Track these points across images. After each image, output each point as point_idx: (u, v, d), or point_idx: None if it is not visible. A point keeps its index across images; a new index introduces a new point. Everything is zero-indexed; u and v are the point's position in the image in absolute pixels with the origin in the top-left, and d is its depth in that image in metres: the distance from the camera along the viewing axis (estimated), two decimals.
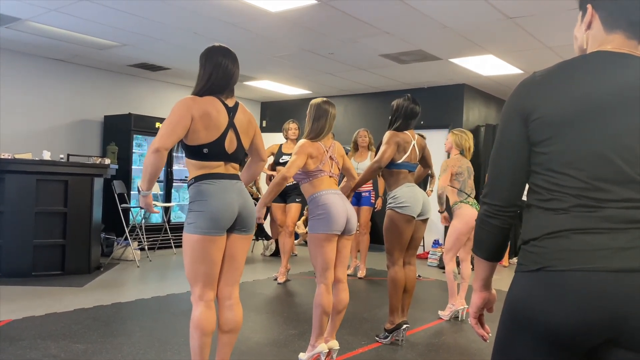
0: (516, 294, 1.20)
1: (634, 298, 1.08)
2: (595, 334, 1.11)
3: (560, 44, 5.60)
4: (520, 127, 1.23)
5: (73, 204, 5.60)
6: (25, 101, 7.10)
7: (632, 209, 1.13)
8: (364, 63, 6.86)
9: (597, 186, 1.14)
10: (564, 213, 1.16)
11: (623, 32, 1.22)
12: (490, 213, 1.29)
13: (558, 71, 1.23)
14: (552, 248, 1.15)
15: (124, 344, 3.41)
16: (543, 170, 1.20)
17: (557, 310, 1.12)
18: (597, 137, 1.15)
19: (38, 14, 5.37)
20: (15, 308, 4.16)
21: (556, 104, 1.19)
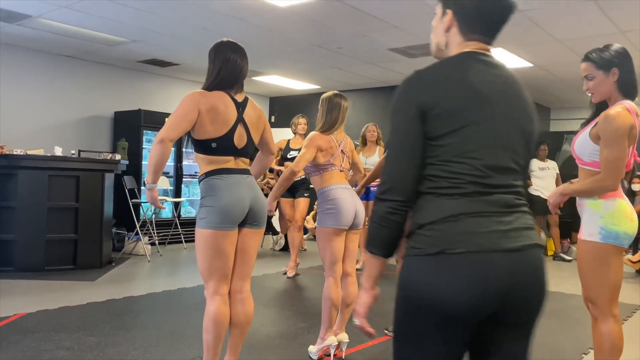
0: (416, 277, 1.25)
1: (516, 274, 1.23)
2: (486, 308, 1.22)
3: (570, 37, 5.56)
4: (419, 124, 1.28)
5: (84, 199, 5.66)
6: (36, 98, 7.16)
7: (511, 194, 1.30)
8: (373, 57, 6.85)
9: (488, 173, 1.27)
10: (461, 198, 1.25)
11: (480, 37, 1.38)
12: (392, 210, 1.29)
13: (445, 70, 1.33)
14: (450, 231, 1.23)
15: (136, 337, 3.46)
16: (440, 161, 1.27)
17: (459, 290, 1.20)
18: (486, 129, 1.29)
19: (49, 11, 5.41)
20: (29, 301, 4.23)
21: (451, 100, 1.28)
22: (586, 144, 2.29)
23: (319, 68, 7.66)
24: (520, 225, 1.27)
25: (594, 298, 2.32)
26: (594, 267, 2.29)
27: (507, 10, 1.38)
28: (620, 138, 2.17)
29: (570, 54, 6.23)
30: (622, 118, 2.18)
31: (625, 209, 2.27)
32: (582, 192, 2.32)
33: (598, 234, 2.26)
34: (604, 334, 2.30)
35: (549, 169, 7.79)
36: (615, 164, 2.18)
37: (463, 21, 1.38)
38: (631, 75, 2.28)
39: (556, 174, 7.83)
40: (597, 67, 2.30)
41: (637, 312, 4.73)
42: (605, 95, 2.31)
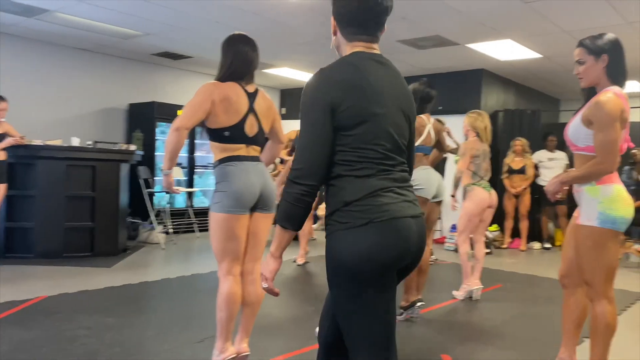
0: (353, 249, 1.46)
1: (419, 233, 1.55)
2: (405, 261, 1.53)
3: (577, 28, 5.60)
4: (329, 118, 1.49)
5: (101, 188, 5.83)
6: (54, 90, 7.35)
7: (404, 172, 1.60)
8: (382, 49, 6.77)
9: (389, 156, 1.54)
10: (374, 177, 1.51)
11: (364, 38, 1.61)
12: (306, 192, 1.49)
13: (347, 70, 1.54)
14: (373, 204, 1.48)
15: (151, 319, 3.62)
16: (352, 148, 1.51)
17: (390, 250, 1.47)
18: (384, 119, 1.53)
19: (66, 5, 5.57)
20: (49, 285, 4.41)
21: (357, 96, 1.50)
22: (579, 129, 2.37)
23: (329, 60, 7.65)
24: (414, 198, 1.58)
25: (590, 280, 2.40)
26: (592, 251, 2.36)
27: (381, 14, 1.60)
28: (613, 121, 2.25)
29: None
30: (612, 102, 2.26)
31: (622, 194, 2.34)
32: (580, 178, 2.37)
33: (596, 219, 2.33)
34: (599, 315, 2.39)
35: (558, 159, 7.82)
36: (611, 146, 2.26)
37: (343, 26, 1.61)
38: (620, 63, 2.37)
39: (565, 164, 7.87)
40: (588, 52, 2.38)
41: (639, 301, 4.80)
42: (593, 80, 2.39)
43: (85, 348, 3.00)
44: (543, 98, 9.79)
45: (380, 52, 1.63)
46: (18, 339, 3.10)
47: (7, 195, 5.41)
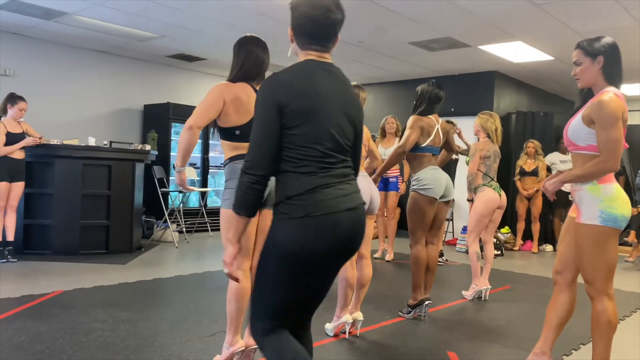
0: (287, 236, 1.66)
1: (354, 225, 1.71)
2: (337, 252, 1.71)
3: (590, 30, 5.59)
4: (277, 117, 1.67)
5: (116, 187, 5.95)
6: (71, 91, 7.51)
7: (346, 168, 1.76)
8: (393, 51, 6.98)
9: (330, 154, 1.70)
10: (314, 175, 1.68)
11: (316, 47, 1.77)
12: (255, 181, 1.67)
13: (295, 75, 1.71)
14: (311, 200, 1.65)
15: (164, 313, 3.71)
16: (295, 146, 1.68)
17: (319, 242, 1.65)
18: (326, 121, 1.70)
19: (83, 8, 5.71)
20: (65, 281, 4.53)
21: (301, 100, 1.67)
22: (580, 128, 2.41)
23: (341, 62, 7.81)
24: (353, 190, 1.75)
25: (591, 279, 2.43)
26: (593, 249, 2.39)
27: (328, 26, 1.75)
28: (616, 120, 2.30)
29: None
30: (614, 102, 2.32)
31: (621, 193, 2.39)
32: (583, 177, 2.39)
33: (598, 217, 2.36)
34: (600, 312, 2.42)
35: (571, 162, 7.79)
36: (615, 145, 2.30)
37: (297, 36, 1.78)
38: (616, 65, 2.43)
39: None
40: (585, 53, 2.44)
41: None
42: (590, 81, 2.45)
43: (100, 340, 3.09)
44: (557, 100, 9.75)
45: (330, 61, 1.80)
46: (35, 331, 3.20)
47: (26, 193, 5.56)
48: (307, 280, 1.73)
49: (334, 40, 1.80)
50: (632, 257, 7.17)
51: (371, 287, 4.63)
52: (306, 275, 1.71)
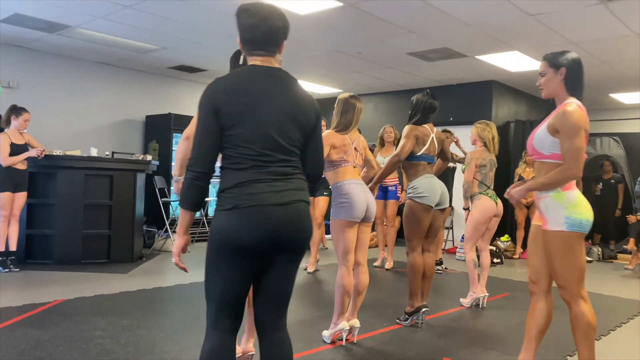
0: (219, 226, 1.79)
1: (282, 219, 1.80)
2: (265, 244, 1.79)
3: (585, 39, 5.67)
4: (213, 119, 1.79)
5: (117, 197, 6.02)
6: (74, 102, 7.61)
7: (284, 167, 1.85)
8: (392, 61, 7.07)
9: (265, 153, 1.81)
10: (246, 170, 1.80)
11: (260, 52, 1.90)
12: (196, 177, 1.81)
13: (232, 79, 1.84)
14: (240, 193, 1.78)
15: (164, 321, 3.75)
16: (232, 145, 1.81)
17: (245, 232, 1.76)
18: (262, 122, 1.81)
19: (86, 21, 5.81)
20: (67, 290, 4.57)
21: (234, 103, 1.79)
22: (545, 137, 2.50)
23: (340, 72, 7.91)
24: (289, 188, 1.84)
25: (564, 283, 2.49)
26: (564, 255, 2.46)
27: (268, 33, 1.88)
28: (579, 130, 2.40)
29: (587, 56, 6.33)
30: (578, 113, 2.42)
31: (583, 199, 2.48)
32: (549, 184, 2.47)
33: (564, 223, 2.44)
34: (578, 315, 2.48)
35: None
36: (578, 153, 2.39)
37: (243, 43, 1.92)
38: (577, 78, 2.53)
39: None
40: (549, 65, 2.56)
41: None
42: (553, 91, 2.56)
43: (101, 347, 3.14)
44: None
45: (275, 66, 1.92)
46: (37, 339, 3.25)
47: (28, 204, 5.62)
48: (241, 271, 1.82)
49: (276, 46, 1.92)
50: (631, 265, 7.18)
51: (370, 295, 4.68)
52: (238, 265, 1.80)
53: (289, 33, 1.98)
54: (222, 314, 1.86)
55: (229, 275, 1.82)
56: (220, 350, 1.84)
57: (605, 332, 3.95)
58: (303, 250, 1.94)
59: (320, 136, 2.02)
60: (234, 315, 1.87)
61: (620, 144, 9.06)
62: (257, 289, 1.93)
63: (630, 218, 7.27)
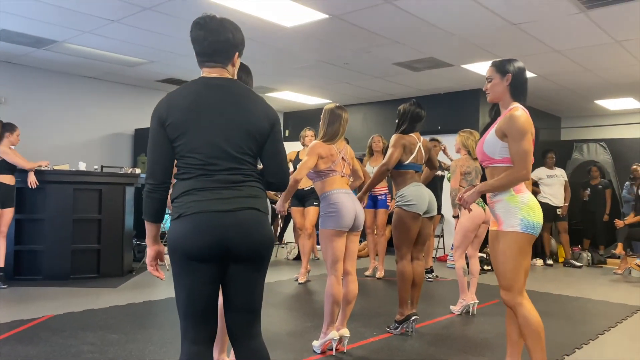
0: (171, 235, 1.85)
1: (227, 227, 1.80)
2: (214, 251, 1.80)
3: (567, 47, 5.76)
4: (161, 131, 1.85)
5: (107, 211, 5.99)
6: (62, 117, 7.60)
7: (232, 175, 1.86)
8: (379, 72, 7.13)
9: (211, 162, 1.83)
10: (191, 179, 1.84)
11: (209, 64, 1.94)
12: (151, 190, 1.87)
13: (178, 92, 1.89)
14: (185, 201, 1.82)
15: (153, 335, 3.73)
16: (180, 156, 1.86)
17: (190, 240, 1.79)
18: (206, 133, 1.83)
19: (73, 36, 5.82)
20: (56, 305, 4.54)
21: (178, 114, 1.83)
22: (495, 143, 2.57)
23: (328, 83, 7.96)
24: (236, 195, 1.85)
25: (511, 285, 2.52)
26: (514, 256, 2.50)
27: (214, 44, 1.91)
28: (527, 133, 2.49)
29: (571, 64, 6.42)
30: (524, 117, 2.52)
31: (535, 202, 2.57)
32: (499, 187, 2.54)
33: (519, 225, 2.49)
34: (526, 315, 2.50)
35: (557, 176, 7.91)
36: (526, 155, 2.48)
37: (195, 54, 1.96)
38: (522, 84, 2.64)
39: (564, 181, 7.95)
40: (496, 71, 2.66)
41: (638, 312, 4.84)
42: (498, 96, 2.66)
43: None
44: (542, 116, 9.91)
45: (225, 77, 1.95)
46: (24, 355, 3.22)
47: (17, 219, 5.58)
48: (199, 279, 1.83)
49: (226, 57, 1.95)
50: (620, 270, 7.24)
51: (360, 304, 4.68)
52: (194, 273, 1.82)
53: (243, 46, 2.02)
54: (190, 324, 1.86)
55: (189, 284, 1.83)
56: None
57: (594, 336, 3.98)
58: (262, 259, 1.92)
59: (279, 144, 2.01)
60: (202, 325, 1.87)
61: (607, 149, 9.18)
62: (224, 300, 1.94)
63: (618, 223, 7.33)
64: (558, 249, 8.27)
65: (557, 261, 8.22)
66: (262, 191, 1.96)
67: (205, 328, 1.88)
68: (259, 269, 1.92)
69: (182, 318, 1.88)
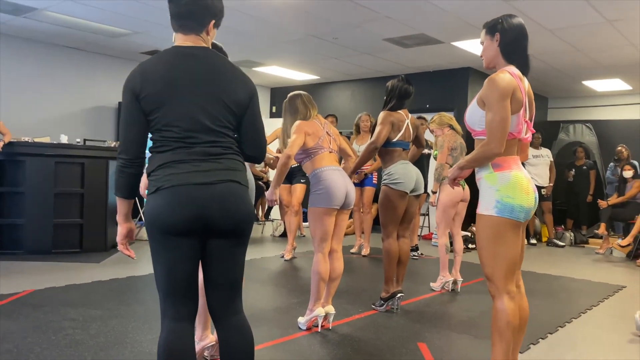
0: (148, 209, 1.77)
1: (206, 199, 1.74)
2: (193, 225, 1.74)
3: (559, 26, 5.71)
4: (134, 104, 1.77)
5: (89, 185, 5.88)
6: (43, 88, 7.40)
7: (211, 147, 1.79)
8: (368, 47, 7.02)
9: (189, 135, 1.77)
10: (168, 152, 1.77)
11: (184, 32, 1.85)
12: (124, 165, 1.80)
13: (152, 62, 1.79)
14: (162, 174, 1.75)
15: (137, 311, 3.69)
16: (155, 130, 1.79)
17: (168, 213, 1.72)
18: (183, 104, 1.76)
19: (54, 4, 5.62)
20: (37, 280, 4.47)
21: (152, 86, 1.75)
22: (475, 111, 2.29)
23: (317, 59, 7.84)
24: (216, 168, 1.78)
25: (491, 275, 2.25)
26: (491, 242, 2.22)
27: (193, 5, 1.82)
28: (502, 100, 2.15)
29: (562, 44, 6.38)
30: (504, 81, 2.18)
31: (521, 181, 2.21)
32: (471, 161, 2.28)
33: (494, 208, 2.20)
34: (499, 311, 2.23)
35: (543, 156, 7.94)
36: (498, 125, 2.14)
37: (171, 18, 1.87)
38: (516, 44, 2.31)
39: (550, 161, 7.99)
40: (486, 32, 2.36)
41: (620, 292, 4.92)
42: (491, 59, 2.35)
43: (70, 338, 3.07)
44: None
45: (200, 45, 1.85)
46: (4, 330, 3.16)
47: None
48: (177, 254, 1.76)
49: (201, 24, 1.86)
50: (602, 249, 7.34)
51: (346, 281, 4.68)
52: (172, 248, 1.76)
53: (221, 16, 1.92)
54: (170, 301, 1.80)
55: (168, 260, 1.77)
56: (175, 339, 1.78)
57: (577, 314, 4.02)
58: (242, 233, 1.85)
59: (258, 116, 1.93)
60: (182, 302, 1.80)
61: (592, 131, 9.23)
62: (204, 277, 1.88)
63: (602, 203, 7.41)
64: (542, 229, 8.35)
65: (540, 240, 8.31)
66: (242, 164, 1.89)
67: (186, 305, 1.82)
68: (239, 243, 1.86)
69: (162, 295, 1.82)
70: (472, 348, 3.20)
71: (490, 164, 2.25)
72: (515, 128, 2.24)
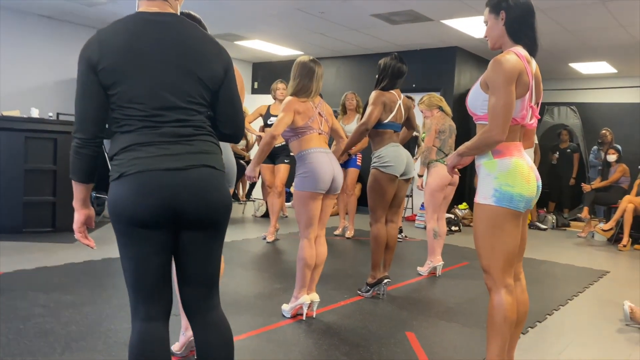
0: (110, 198, 1.57)
1: (177, 186, 1.54)
2: (163, 216, 1.55)
3: (551, 6, 5.57)
4: (91, 76, 1.55)
5: (63, 162, 5.61)
6: (13, 58, 7.02)
7: (181, 127, 1.59)
8: (355, 23, 6.80)
9: (156, 113, 1.55)
10: (132, 133, 1.56)
11: None
12: (81, 145, 1.60)
13: (112, 30, 1.57)
14: (126, 158, 1.55)
15: (112, 296, 3.51)
16: (117, 106, 1.57)
17: (134, 203, 1.52)
18: (148, 78, 1.55)
19: None
20: (5, 262, 4.24)
21: (113, 57, 1.53)
22: (478, 95, 2.15)
23: (302, 33, 7.58)
24: (187, 151, 1.58)
25: (487, 267, 2.15)
26: (488, 233, 2.12)
27: None
28: (507, 84, 2.01)
29: (553, 24, 6.26)
30: (509, 63, 2.03)
31: (521, 168, 2.08)
32: (472, 148, 2.15)
33: (492, 197, 2.09)
34: (496, 306, 2.13)
35: None
36: (501, 111, 2.01)
37: None
38: (521, 22, 2.15)
39: (535, 144, 7.93)
40: (490, 10, 2.19)
41: (604, 277, 4.90)
42: (497, 40, 2.19)
43: (39, 327, 2.88)
44: None
45: (167, 11, 1.64)
46: None
47: None
48: (146, 248, 1.58)
49: None
50: (584, 233, 7.36)
51: (330, 265, 4.56)
52: (141, 242, 1.57)
53: None
54: (140, 300, 1.62)
55: (136, 254, 1.58)
56: (146, 344, 1.60)
57: (564, 301, 3.97)
58: (219, 224, 1.66)
59: (234, 91, 1.73)
60: (154, 301, 1.62)
61: (577, 113, 9.20)
62: (177, 272, 1.71)
63: (586, 187, 7.41)
64: None
65: None
66: (216, 146, 1.69)
67: (159, 303, 1.64)
68: (214, 235, 1.67)
69: (131, 293, 1.63)
70: (461, 337, 3.11)
71: (490, 151, 2.13)
72: (519, 113, 2.11)
